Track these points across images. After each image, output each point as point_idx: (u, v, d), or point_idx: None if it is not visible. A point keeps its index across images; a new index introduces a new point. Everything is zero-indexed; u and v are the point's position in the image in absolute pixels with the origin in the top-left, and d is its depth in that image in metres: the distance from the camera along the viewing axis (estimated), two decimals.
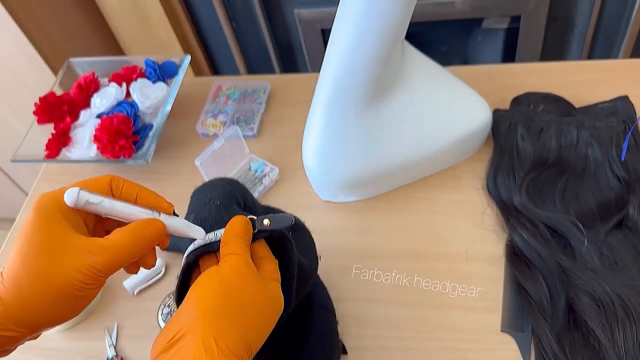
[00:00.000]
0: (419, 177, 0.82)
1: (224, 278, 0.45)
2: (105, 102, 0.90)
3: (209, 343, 0.40)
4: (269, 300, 0.46)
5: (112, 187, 0.46)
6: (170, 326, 0.43)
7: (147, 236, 0.44)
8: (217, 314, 0.42)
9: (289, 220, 0.51)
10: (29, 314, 0.41)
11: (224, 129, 0.94)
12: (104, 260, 0.42)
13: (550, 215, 0.71)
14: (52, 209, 0.43)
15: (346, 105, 0.73)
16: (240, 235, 0.48)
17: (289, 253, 0.53)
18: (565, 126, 0.78)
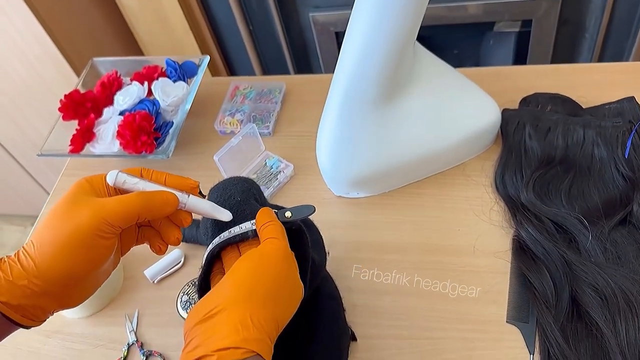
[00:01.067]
0: (429, 175, 0.84)
1: (264, 259, 0.48)
2: (128, 99, 0.94)
3: (245, 319, 0.44)
4: (296, 286, 0.50)
5: (143, 174, 0.52)
6: (208, 300, 0.46)
7: (155, 200, 0.49)
8: (254, 292, 0.46)
9: (311, 210, 0.55)
10: (46, 263, 0.45)
11: (241, 127, 0.97)
12: (113, 209, 0.46)
13: (556, 212, 0.73)
14: (87, 185, 0.49)
15: (359, 105, 0.76)
16: (276, 222, 0.52)
17: (305, 246, 0.56)
18: (572, 125, 0.80)
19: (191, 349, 0.43)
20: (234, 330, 0.43)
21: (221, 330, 0.43)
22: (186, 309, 0.77)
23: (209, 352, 0.42)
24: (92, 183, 0.49)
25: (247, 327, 0.43)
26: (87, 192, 0.48)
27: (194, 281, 0.79)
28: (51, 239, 0.45)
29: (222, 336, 0.43)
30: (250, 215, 0.55)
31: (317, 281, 0.63)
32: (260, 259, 0.48)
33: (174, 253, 0.83)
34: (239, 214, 0.56)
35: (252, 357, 0.42)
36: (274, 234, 0.50)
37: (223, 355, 0.42)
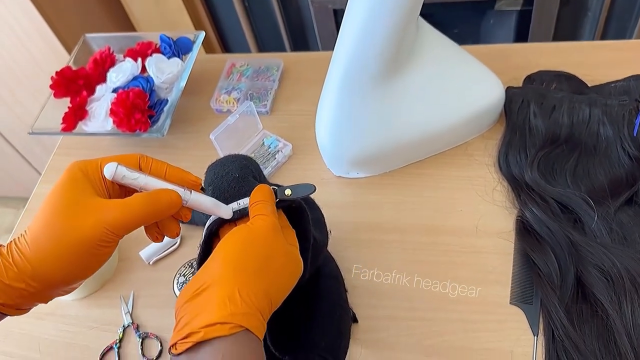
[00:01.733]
0: (431, 154, 0.82)
1: (251, 234, 0.47)
2: (121, 76, 0.91)
3: (233, 294, 0.42)
4: (290, 260, 0.48)
5: (141, 165, 0.49)
6: (197, 278, 0.45)
7: (161, 202, 0.46)
8: (242, 267, 0.44)
9: (311, 188, 0.53)
10: (44, 268, 0.43)
11: (238, 105, 0.95)
12: (117, 218, 0.44)
13: (561, 191, 0.72)
14: (80, 174, 0.46)
15: (359, 82, 0.73)
16: (267, 200, 0.50)
17: (305, 224, 0.55)
18: (577, 104, 0.78)
19: (180, 328, 0.42)
20: (221, 305, 0.41)
21: (208, 306, 0.42)
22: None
23: (196, 329, 0.41)
24: (88, 174, 0.46)
25: (235, 301, 0.42)
26: (84, 187, 0.45)
27: (191, 262, 0.77)
28: (51, 248, 0.43)
29: (209, 312, 0.41)
30: (248, 192, 0.53)
31: (318, 260, 0.61)
32: (247, 233, 0.47)
33: None
34: (237, 191, 0.55)
35: (240, 332, 0.41)
36: (262, 211, 0.49)
37: (209, 331, 0.40)
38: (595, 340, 0.63)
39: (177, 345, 0.42)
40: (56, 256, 0.43)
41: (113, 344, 0.74)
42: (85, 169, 0.46)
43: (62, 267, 0.43)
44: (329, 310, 0.62)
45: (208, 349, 0.40)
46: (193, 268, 0.76)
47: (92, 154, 0.96)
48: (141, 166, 0.49)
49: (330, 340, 0.61)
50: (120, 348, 0.74)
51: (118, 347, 0.74)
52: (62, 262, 0.43)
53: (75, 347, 0.75)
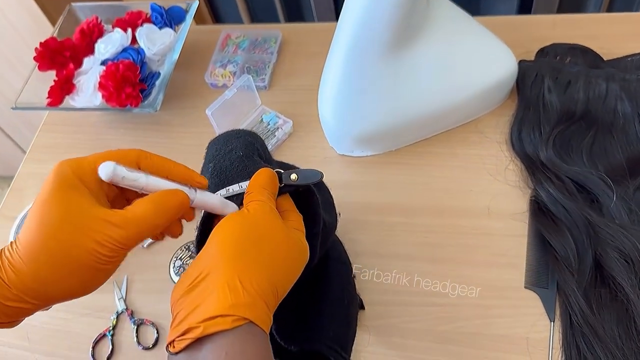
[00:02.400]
0: (440, 131, 0.79)
1: (247, 220, 0.42)
2: (110, 47, 0.86)
3: (233, 282, 0.38)
4: (294, 245, 0.44)
5: (140, 163, 0.43)
6: (191, 270, 0.40)
7: (170, 207, 0.41)
8: (241, 252, 0.40)
9: (318, 176, 0.49)
10: (45, 287, 0.38)
11: (234, 79, 0.90)
12: (127, 233, 0.39)
13: (578, 170, 0.69)
14: (73, 177, 0.40)
15: (367, 53, 0.69)
16: (266, 187, 0.46)
17: (315, 208, 0.51)
18: (594, 79, 0.75)
19: (177, 324, 0.38)
20: (221, 296, 0.37)
21: (207, 298, 0.37)
22: (179, 275, 0.71)
23: (194, 324, 0.36)
24: (82, 177, 0.40)
25: (236, 290, 0.37)
26: (81, 195, 0.39)
27: (188, 245, 0.73)
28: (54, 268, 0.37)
29: (208, 304, 0.37)
30: (252, 172, 0.49)
31: (327, 244, 0.57)
32: (242, 218, 0.42)
33: None
34: (240, 171, 0.50)
35: (244, 325, 0.37)
36: (257, 197, 0.45)
37: (210, 326, 0.36)
38: (615, 326, 0.60)
39: (175, 343, 0.37)
40: (60, 276, 0.38)
41: (106, 332, 0.70)
42: (77, 170, 0.40)
43: (67, 287, 0.38)
44: (337, 296, 0.58)
45: (209, 346, 0.36)
46: (190, 251, 0.73)
47: (80, 130, 0.91)
48: (140, 164, 0.43)
49: (338, 329, 0.57)
50: (114, 335, 0.70)
51: (112, 334, 0.70)
52: (67, 281, 0.38)
53: (66, 335, 0.71)
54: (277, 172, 0.48)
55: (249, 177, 0.48)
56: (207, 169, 0.52)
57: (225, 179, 0.49)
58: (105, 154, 0.42)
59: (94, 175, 0.40)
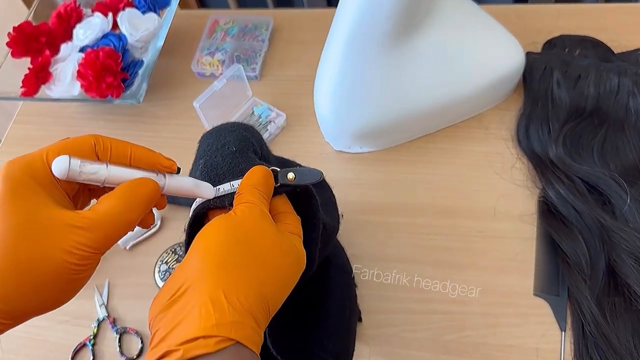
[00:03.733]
0: (442, 126, 0.74)
1: (235, 225, 0.38)
2: (90, 33, 0.80)
3: (217, 297, 0.33)
4: (288, 252, 0.39)
5: (98, 150, 0.37)
6: (172, 281, 0.35)
7: (140, 200, 0.37)
8: (226, 264, 0.35)
9: (317, 176, 0.44)
10: (14, 306, 0.33)
11: (223, 68, 0.85)
12: (96, 235, 0.34)
13: (589, 170, 0.65)
14: (25, 178, 0.34)
15: (368, 43, 0.64)
16: (259, 187, 0.41)
17: (314, 211, 0.46)
18: (605, 73, 0.71)
19: (155, 344, 0.33)
20: (204, 313, 0.32)
21: (188, 316, 0.33)
22: (165, 279, 0.66)
23: (174, 347, 0.32)
24: (35, 176, 0.34)
25: (220, 306, 0.33)
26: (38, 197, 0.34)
27: (174, 247, 0.68)
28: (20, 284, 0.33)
29: (189, 323, 0.32)
30: (245, 170, 0.44)
31: (328, 249, 0.53)
32: (228, 222, 0.38)
33: None
34: (233, 168, 0.45)
35: (230, 346, 0.32)
36: (248, 198, 0.40)
37: (190, 349, 0.31)
38: (630, 336, 0.57)
39: None
40: (29, 293, 0.33)
41: (86, 340, 0.65)
42: (28, 170, 0.34)
43: (39, 302, 0.33)
44: (338, 307, 0.54)
45: None
46: (177, 254, 0.68)
47: (57, 121, 0.85)
48: (98, 152, 0.37)
49: (338, 343, 0.53)
50: (95, 345, 0.65)
51: (92, 343, 0.65)
52: (38, 296, 0.33)
53: (43, 344, 0.66)
54: (272, 170, 0.44)
55: (242, 175, 0.43)
56: (198, 165, 0.47)
57: (217, 177, 0.45)
58: (56, 146, 0.36)
59: (47, 172, 0.35)
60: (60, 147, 0.36)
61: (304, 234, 0.43)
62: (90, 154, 0.37)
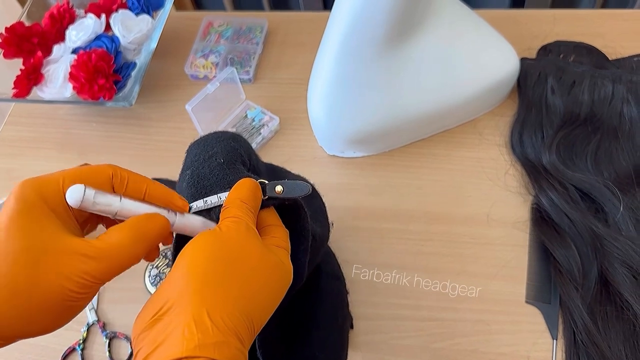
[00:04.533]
0: (436, 132, 0.74)
1: (220, 241, 0.37)
2: (82, 35, 0.79)
3: (200, 317, 0.32)
4: (274, 268, 0.38)
5: (114, 182, 0.38)
6: (155, 298, 0.35)
7: (149, 235, 0.36)
8: (210, 281, 0.35)
9: (306, 189, 0.43)
10: (11, 329, 0.33)
11: (217, 71, 0.84)
12: (102, 266, 0.34)
13: (582, 177, 0.65)
14: (38, 200, 0.34)
15: (362, 47, 0.64)
16: (246, 201, 0.41)
17: (303, 222, 0.46)
18: (599, 79, 0.71)
19: None
20: (186, 334, 0.32)
21: (170, 335, 0.32)
22: (155, 284, 0.66)
23: None
24: (47, 200, 0.35)
25: (203, 327, 0.32)
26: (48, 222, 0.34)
27: (165, 252, 0.68)
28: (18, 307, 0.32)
29: (172, 343, 0.32)
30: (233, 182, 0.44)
31: (317, 259, 0.53)
32: (214, 239, 0.37)
33: None
34: (220, 180, 0.44)
35: None
36: (234, 212, 0.39)
37: None
38: (621, 345, 0.57)
39: None
40: (22, 316, 0.32)
41: (75, 345, 0.65)
42: (42, 192, 0.35)
43: (31, 326, 0.33)
44: (330, 316, 0.54)
45: None
46: (167, 259, 0.67)
47: (48, 123, 0.84)
48: (114, 184, 0.38)
49: (331, 353, 0.53)
50: (85, 349, 0.65)
51: (82, 348, 0.65)
52: (30, 320, 0.33)
53: (31, 348, 0.65)
54: (260, 182, 0.43)
55: (230, 188, 0.43)
56: (185, 176, 0.46)
57: (203, 189, 0.44)
58: (73, 172, 0.36)
59: (61, 197, 0.35)
60: (77, 174, 0.36)
61: (293, 246, 0.43)
62: (106, 184, 0.37)
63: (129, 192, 0.38)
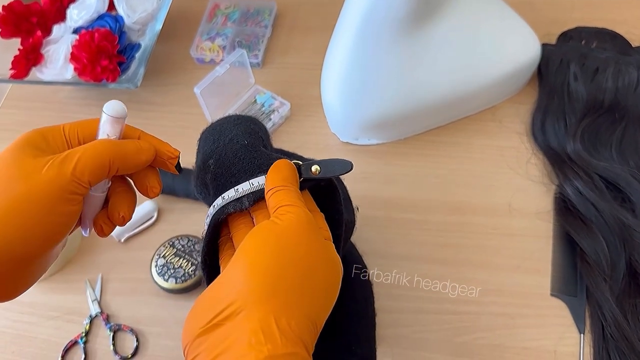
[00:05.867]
0: (454, 119, 0.71)
1: (282, 237, 0.34)
2: (84, 14, 0.76)
3: (268, 324, 0.30)
4: (329, 263, 0.35)
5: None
6: (211, 299, 0.32)
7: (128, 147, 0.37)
8: (277, 285, 0.32)
9: (347, 166, 0.40)
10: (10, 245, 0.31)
11: (224, 55, 0.81)
12: (79, 161, 0.33)
13: (607, 167, 0.62)
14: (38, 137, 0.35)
15: (382, 29, 0.61)
16: (292, 184, 0.37)
17: (337, 205, 0.42)
18: (624, 66, 0.68)
19: None
20: (254, 343, 0.29)
21: (235, 344, 0.29)
22: (163, 275, 0.63)
23: None
24: (47, 138, 0.35)
25: (272, 336, 0.29)
26: (39, 146, 0.34)
27: (172, 241, 0.65)
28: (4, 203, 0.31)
29: (237, 353, 0.29)
30: (261, 166, 0.40)
31: (346, 246, 0.50)
32: (275, 235, 0.34)
33: (146, 206, 0.68)
34: (248, 165, 0.40)
35: None
36: (289, 200, 0.36)
37: None
38: None
39: None
40: (2, 216, 0.31)
41: (78, 338, 0.62)
42: (43, 133, 0.36)
43: (11, 231, 0.31)
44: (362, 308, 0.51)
45: None
46: (175, 248, 0.64)
47: (48, 106, 0.81)
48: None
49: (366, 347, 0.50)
50: (87, 343, 0.62)
51: (84, 341, 0.61)
52: (11, 223, 0.31)
53: (31, 341, 0.62)
54: (295, 163, 0.40)
55: (259, 172, 0.40)
56: (207, 167, 0.42)
57: (232, 177, 0.40)
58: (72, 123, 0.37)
59: (59, 132, 0.36)
60: (77, 123, 0.37)
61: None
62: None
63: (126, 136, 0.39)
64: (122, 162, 0.35)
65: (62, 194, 0.32)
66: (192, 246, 0.64)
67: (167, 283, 0.62)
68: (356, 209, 0.52)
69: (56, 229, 0.33)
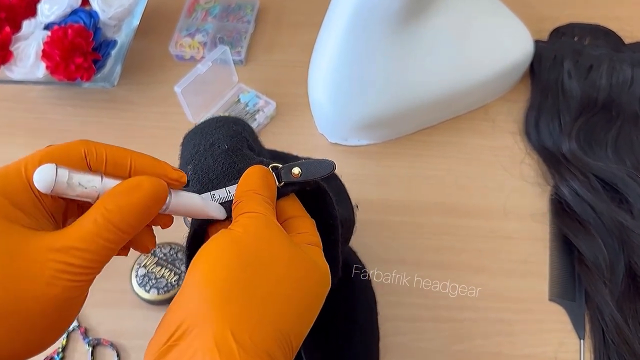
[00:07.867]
0: (446, 118, 0.69)
1: (238, 243, 0.31)
2: (57, 9, 0.71)
3: (223, 339, 0.27)
4: (307, 271, 0.32)
5: (90, 160, 0.30)
6: (167, 319, 0.29)
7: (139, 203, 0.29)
8: (232, 295, 0.29)
9: (329, 167, 0.37)
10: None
11: (204, 52, 0.77)
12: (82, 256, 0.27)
13: (603, 166, 0.61)
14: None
15: (373, 25, 0.58)
16: (259, 191, 0.34)
17: (329, 209, 0.40)
18: (618, 63, 0.67)
19: None
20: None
21: None
22: (144, 285, 0.59)
23: None
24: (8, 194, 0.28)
25: (228, 351, 0.27)
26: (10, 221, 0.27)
27: (154, 252, 0.61)
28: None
29: None
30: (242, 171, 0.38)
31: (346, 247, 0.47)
32: (230, 241, 0.31)
33: None
34: (227, 170, 0.38)
35: None
36: (249, 207, 0.33)
37: None
38: None
39: None
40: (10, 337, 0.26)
41: (54, 354, 0.58)
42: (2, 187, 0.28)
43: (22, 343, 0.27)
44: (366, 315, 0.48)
45: None
46: (156, 257, 0.61)
47: (18, 107, 0.76)
48: (90, 162, 0.30)
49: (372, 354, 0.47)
50: (64, 358, 0.58)
51: (61, 357, 0.58)
52: (21, 338, 0.27)
53: None
54: (273, 167, 0.37)
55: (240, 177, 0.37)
56: (187, 171, 0.40)
57: (210, 183, 0.37)
58: (37, 155, 0.29)
59: (24, 188, 0.28)
60: (43, 156, 0.29)
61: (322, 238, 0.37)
62: (80, 164, 0.30)
63: (110, 169, 0.30)
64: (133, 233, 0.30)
65: (65, 301, 0.28)
66: (175, 254, 0.61)
67: (149, 294, 0.59)
68: (355, 207, 0.49)
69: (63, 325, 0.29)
